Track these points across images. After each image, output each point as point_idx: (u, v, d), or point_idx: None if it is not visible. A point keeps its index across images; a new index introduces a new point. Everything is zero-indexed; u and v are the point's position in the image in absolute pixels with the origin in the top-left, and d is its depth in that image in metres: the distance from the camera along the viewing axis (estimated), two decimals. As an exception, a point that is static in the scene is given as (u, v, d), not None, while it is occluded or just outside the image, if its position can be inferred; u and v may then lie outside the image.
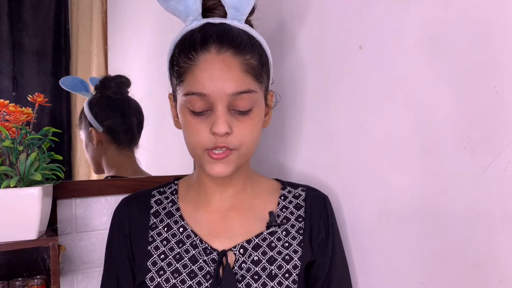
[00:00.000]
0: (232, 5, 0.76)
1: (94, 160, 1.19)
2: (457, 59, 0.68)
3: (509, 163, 0.62)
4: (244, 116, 0.74)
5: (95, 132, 1.17)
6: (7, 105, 0.85)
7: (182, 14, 0.76)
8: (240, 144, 0.75)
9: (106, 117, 1.18)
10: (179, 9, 0.76)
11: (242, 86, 0.73)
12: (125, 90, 1.23)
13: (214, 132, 0.72)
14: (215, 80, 0.72)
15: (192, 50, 0.73)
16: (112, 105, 1.20)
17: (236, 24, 0.77)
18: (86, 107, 1.16)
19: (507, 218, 0.63)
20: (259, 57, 0.76)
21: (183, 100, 0.75)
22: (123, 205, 0.87)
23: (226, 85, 0.72)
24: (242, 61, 0.73)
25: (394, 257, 0.81)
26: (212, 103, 0.72)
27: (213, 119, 0.72)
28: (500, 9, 0.62)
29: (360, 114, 0.88)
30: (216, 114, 0.72)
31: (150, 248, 0.81)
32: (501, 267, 0.64)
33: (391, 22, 0.80)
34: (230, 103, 0.73)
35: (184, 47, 0.75)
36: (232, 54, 0.73)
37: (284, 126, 1.09)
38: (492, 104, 0.64)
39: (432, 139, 0.73)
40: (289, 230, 0.82)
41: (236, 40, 0.74)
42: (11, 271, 0.96)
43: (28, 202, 0.82)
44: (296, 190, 0.87)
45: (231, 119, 0.73)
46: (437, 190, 0.73)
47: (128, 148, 1.23)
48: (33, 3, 1.16)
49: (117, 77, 1.22)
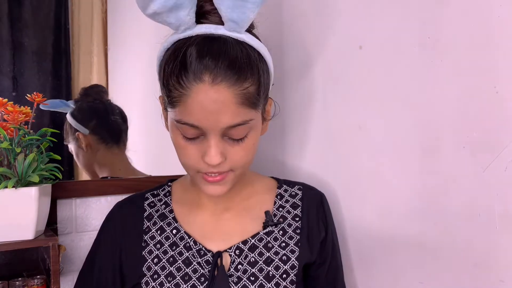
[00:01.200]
0: (231, 19, 0.68)
1: (87, 166, 1.21)
2: (457, 59, 0.68)
3: (509, 163, 0.62)
4: (238, 143, 0.71)
5: (82, 136, 1.19)
6: (6, 104, 0.85)
7: (173, 26, 0.70)
8: (235, 166, 0.72)
9: (89, 119, 1.21)
10: (170, 21, 0.69)
11: (237, 119, 0.68)
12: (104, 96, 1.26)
13: (206, 162, 0.69)
14: (208, 114, 0.66)
15: (184, 76, 0.66)
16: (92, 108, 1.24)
17: (236, 37, 0.70)
18: (70, 117, 1.19)
19: (507, 218, 0.62)
20: (257, 80, 0.70)
21: (175, 123, 0.70)
22: (116, 211, 0.86)
23: (220, 119, 0.67)
24: (238, 92, 0.67)
25: (394, 257, 0.81)
26: (205, 132, 0.68)
27: (205, 146, 0.69)
28: (500, 9, 0.62)
29: (360, 114, 0.87)
30: (208, 144, 0.69)
31: (144, 253, 0.80)
32: (501, 267, 0.64)
33: (391, 22, 0.80)
34: (224, 132, 0.69)
35: (175, 68, 0.68)
36: (228, 85, 0.66)
37: (284, 126, 1.09)
38: (492, 104, 0.64)
39: (432, 139, 0.73)
40: (286, 229, 0.82)
41: (233, 66, 0.66)
42: (11, 271, 0.96)
43: (24, 202, 0.82)
44: (293, 189, 0.87)
45: (224, 146, 0.70)
46: (437, 190, 0.73)
47: (117, 146, 1.25)
48: (33, 3, 1.16)
49: (95, 86, 1.26)
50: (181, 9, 0.67)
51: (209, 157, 0.68)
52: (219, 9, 0.68)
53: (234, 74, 0.66)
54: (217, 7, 0.68)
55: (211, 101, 0.66)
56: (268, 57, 0.75)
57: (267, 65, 0.74)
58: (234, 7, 0.67)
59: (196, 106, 0.66)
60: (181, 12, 0.67)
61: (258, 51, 0.72)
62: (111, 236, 0.83)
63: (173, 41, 0.71)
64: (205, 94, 0.65)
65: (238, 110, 0.67)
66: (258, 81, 0.70)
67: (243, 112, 0.68)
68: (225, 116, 0.67)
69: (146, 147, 1.31)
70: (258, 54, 0.72)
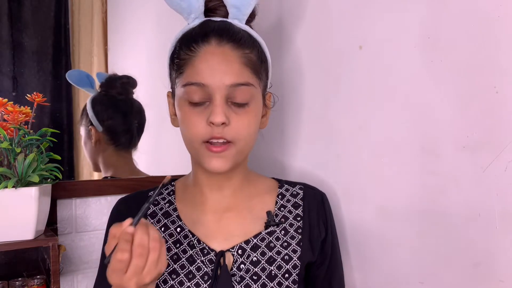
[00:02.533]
0: (234, 4, 0.78)
1: (92, 158, 1.19)
2: (457, 59, 0.68)
3: (509, 163, 0.62)
4: (241, 109, 0.75)
5: (94, 131, 1.17)
6: (6, 104, 0.85)
7: (185, 11, 0.78)
8: (237, 136, 0.75)
9: (107, 117, 1.18)
10: (182, 6, 0.77)
11: (240, 78, 0.74)
12: (130, 91, 1.23)
13: (211, 122, 0.73)
14: (214, 71, 0.73)
15: (193, 42, 0.75)
16: (114, 105, 1.20)
17: (237, 23, 0.78)
18: (89, 105, 1.16)
19: (507, 218, 0.62)
20: (258, 53, 0.78)
21: (182, 92, 0.76)
22: (122, 204, 0.87)
23: (225, 77, 0.73)
24: (241, 54, 0.75)
25: (394, 257, 0.81)
26: (210, 94, 0.73)
27: (210, 109, 0.73)
28: (500, 9, 0.62)
29: (360, 114, 0.87)
30: (214, 104, 0.73)
31: None
32: (501, 267, 0.64)
33: (391, 22, 0.80)
34: (228, 94, 0.73)
35: (185, 41, 0.77)
36: (232, 48, 0.75)
37: (284, 126, 1.09)
38: (492, 104, 0.64)
39: (432, 139, 0.73)
40: (288, 229, 0.82)
41: (236, 35, 0.76)
42: (11, 271, 0.96)
43: (24, 202, 0.82)
44: (294, 189, 0.87)
45: (228, 111, 0.74)
46: (437, 190, 0.73)
47: (126, 150, 1.23)
48: (33, 3, 1.16)
49: (124, 77, 1.22)
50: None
51: (214, 115, 0.72)
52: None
53: (237, 40, 0.75)
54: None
55: (217, 61, 0.74)
56: (266, 49, 0.82)
57: (265, 54, 0.81)
58: None
59: (203, 65, 0.74)
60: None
61: (257, 40, 0.80)
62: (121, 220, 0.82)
63: (184, 30, 0.80)
64: (211, 54, 0.74)
65: (242, 71, 0.75)
66: (258, 55, 0.78)
67: (246, 74, 0.75)
68: (230, 74, 0.73)
69: (147, 147, 1.31)
70: (257, 40, 0.80)
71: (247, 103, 0.75)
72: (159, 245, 0.65)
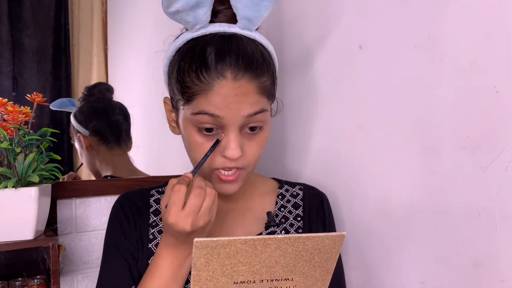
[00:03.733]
0: (246, 17, 0.71)
1: (90, 166, 1.21)
2: (457, 59, 0.68)
3: (509, 163, 0.62)
4: (254, 134, 0.73)
5: (82, 137, 1.19)
6: (6, 104, 0.85)
7: (190, 24, 0.71)
8: (249, 163, 0.74)
9: (89, 120, 1.20)
10: (187, 19, 0.70)
11: (257, 107, 0.70)
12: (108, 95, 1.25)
13: (225, 156, 0.70)
14: (230, 104, 0.68)
15: (204, 72, 0.68)
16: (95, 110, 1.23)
17: (248, 35, 0.73)
18: (72, 118, 1.20)
19: (507, 218, 0.62)
20: (272, 76, 0.74)
21: (191, 117, 0.71)
22: (125, 198, 0.85)
23: (242, 109, 0.69)
24: (258, 84, 0.70)
25: (394, 257, 0.81)
26: (224, 124, 0.70)
27: (224, 141, 0.70)
28: (500, 9, 0.62)
29: (360, 114, 0.87)
30: (228, 137, 0.70)
31: (151, 246, 0.80)
32: (501, 267, 0.64)
33: (391, 22, 0.80)
34: (242, 124, 0.71)
35: (194, 65, 0.69)
36: (248, 80, 0.69)
37: (284, 126, 1.09)
38: (492, 104, 0.64)
39: (432, 139, 0.73)
40: (288, 229, 0.82)
41: (252, 64, 0.70)
42: (11, 271, 0.96)
43: (24, 202, 0.82)
44: (294, 189, 0.87)
45: (241, 139, 0.72)
46: (437, 190, 0.73)
47: (118, 146, 1.24)
48: (33, 3, 1.16)
49: (98, 84, 1.25)
50: (201, 7, 0.69)
51: (230, 151, 0.70)
52: (235, 7, 0.71)
53: (253, 70, 0.70)
54: (234, 5, 0.71)
55: (233, 95, 0.68)
56: (275, 56, 0.78)
57: (275, 63, 0.78)
58: (251, 5, 0.70)
59: (218, 99, 0.68)
60: (200, 11, 0.69)
61: (267, 49, 0.75)
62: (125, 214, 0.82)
63: (185, 40, 0.73)
64: (227, 88, 0.68)
65: (258, 100, 0.70)
66: (272, 76, 0.74)
67: (261, 101, 0.71)
68: (246, 106, 0.69)
69: (146, 146, 1.31)
70: (268, 52, 0.75)
71: (260, 126, 0.73)
72: (215, 193, 0.67)
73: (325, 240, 0.59)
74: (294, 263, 0.59)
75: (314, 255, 0.59)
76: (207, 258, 0.55)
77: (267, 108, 0.73)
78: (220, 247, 0.55)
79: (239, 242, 0.55)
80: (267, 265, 0.58)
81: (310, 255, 0.59)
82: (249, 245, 0.55)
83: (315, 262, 0.60)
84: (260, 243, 0.56)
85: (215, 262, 0.56)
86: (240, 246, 0.55)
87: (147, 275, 0.71)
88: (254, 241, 0.55)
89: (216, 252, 0.55)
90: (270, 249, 0.57)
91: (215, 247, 0.55)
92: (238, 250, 0.56)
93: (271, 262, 0.58)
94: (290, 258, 0.58)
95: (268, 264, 0.58)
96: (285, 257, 0.58)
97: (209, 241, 0.54)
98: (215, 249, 0.55)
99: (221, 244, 0.55)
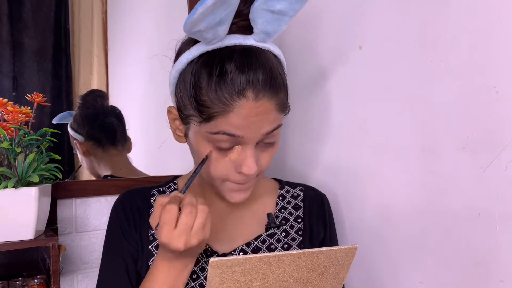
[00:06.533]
0: (265, 31, 0.69)
1: (91, 171, 1.22)
2: (457, 59, 0.68)
3: (509, 163, 0.62)
4: (268, 147, 0.73)
5: (79, 144, 1.20)
6: (6, 104, 0.85)
7: (207, 40, 0.68)
8: (261, 172, 0.74)
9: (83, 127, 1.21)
10: (206, 36, 0.67)
11: (274, 124, 0.70)
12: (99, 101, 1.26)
13: (242, 172, 0.70)
14: (251, 124, 0.67)
15: (225, 92, 0.66)
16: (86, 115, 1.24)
17: (263, 46, 0.71)
18: (69, 128, 1.21)
19: (507, 218, 0.62)
20: (286, 88, 0.73)
21: (206, 135, 0.69)
22: (127, 197, 0.85)
23: (262, 127, 0.68)
24: (277, 102, 0.69)
25: (394, 257, 0.81)
26: (242, 142, 0.69)
27: (241, 156, 0.70)
28: (500, 9, 0.62)
29: (360, 114, 0.87)
30: (245, 154, 0.69)
31: (151, 247, 0.80)
32: (501, 267, 0.64)
33: (391, 22, 0.80)
34: (260, 140, 0.70)
35: (212, 82, 0.67)
36: (269, 98, 0.67)
37: (284, 126, 1.09)
38: (492, 104, 0.64)
39: (432, 139, 0.73)
40: (288, 231, 0.82)
41: (272, 81, 0.68)
42: (11, 271, 0.96)
43: (24, 202, 0.82)
44: (294, 190, 0.87)
45: (257, 153, 0.71)
46: (437, 190, 0.73)
47: (114, 147, 1.25)
48: (33, 3, 1.16)
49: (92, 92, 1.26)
50: (222, 25, 0.67)
51: (247, 168, 0.69)
52: (254, 21, 0.68)
53: (272, 87, 0.68)
54: (253, 19, 0.68)
55: (255, 114, 0.67)
56: (285, 63, 0.76)
57: (285, 71, 0.76)
58: (272, 20, 0.68)
59: (239, 119, 0.66)
60: (221, 27, 0.66)
61: (279, 58, 0.74)
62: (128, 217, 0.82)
63: (199, 53, 0.69)
64: (249, 109, 0.66)
65: (276, 117, 0.70)
66: (286, 89, 0.73)
67: (278, 117, 0.71)
68: (266, 123, 0.69)
69: (146, 147, 1.31)
70: (280, 62, 0.74)
71: (275, 141, 0.73)
72: (207, 210, 0.66)
73: (338, 253, 0.59)
74: (307, 276, 0.59)
75: (327, 267, 0.60)
76: (222, 276, 0.55)
77: (282, 121, 0.73)
78: (235, 265, 0.55)
79: (254, 260, 0.55)
80: (280, 279, 0.58)
81: (323, 268, 0.60)
82: (264, 262, 0.55)
83: (327, 275, 0.61)
84: (275, 260, 0.56)
85: (230, 280, 0.56)
86: (254, 264, 0.55)
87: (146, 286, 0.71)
88: (269, 258, 0.55)
89: (231, 270, 0.55)
90: (284, 265, 0.57)
91: (230, 265, 0.55)
92: (252, 267, 0.56)
93: (285, 277, 0.58)
94: (303, 272, 0.59)
95: (281, 279, 0.58)
96: (299, 271, 0.58)
97: (225, 261, 0.54)
98: (230, 267, 0.55)
99: (236, 262, 0.55)
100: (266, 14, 0.67)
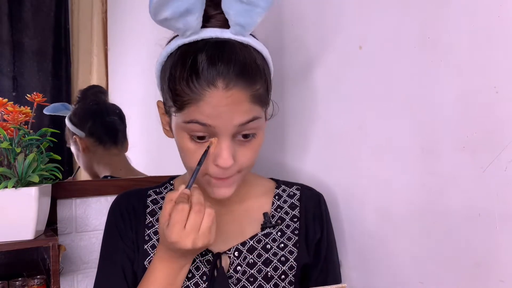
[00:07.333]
0: (239, 23, 0.69)
1: (87, 168, 1.22)
2: (457, 59, 0.68)
3: (509, 163, 0.62)
4: (248, 142, 0.72)
5: (79, 139, 1.19)
6: (6, 104, 0.85)
7: (180, 31, 0.69)
8: (243, 167, 0.73)
9: (85, 122, 1.21)
10: (178, 26, 0.68)
11: (249, 116, 0.69)
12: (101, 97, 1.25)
13: (217, 165, 0.70)
14: (222, 114, 0.67)
15: (195, 81, 0.67)
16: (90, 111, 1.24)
17: (241, 40, 0.71)
18: (67, 121, 1.20)
19: (507, 218, 0.62)
20: (265, 82, 0.72)
21: (182, 125, 0.70)
22: (124, 198, 0.85)
23: (234, 118, 0.68)
24: (251, 93, 0.68)
25: (394, 257, 0.81)
26: (215, 132, 0.69)
27: (216, 149, 0.69)
28: (500, 9, 0.62)
29: (360, 114, 0.87)
30: (220, 146, 0.69)
31: (147, 247, 0.80)
32: (501, 267, 0.64)
33: (391, 22, 0.80)
34: (235, 132, 0.70)
35: (185, 73, 0.68)
36: (241, 88, 0.67)
37: (284, 127, 1.09)
38: (492, 104, 0.64)
39: (432, 139, 0.73)
40: (284, 230, 0.82)
41: (244, 72, 0.68)
42: (11, 271, 0.96)
43: (24, 202, 0.82)
44: (291, 189, 0.87)
45: (234, 146, 0.71)
46: (437, 190, 0.72)
47: (115, 147, 1.25)
48: (33, 3, 1.16)
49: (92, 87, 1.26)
50: (191, 14, 0.68)
51: (222, 160, 0.69)
52: (227, 13, 0.69)
53: (245, 78, 0.68)
54: (225, 11, 0.69)
55: (224, 104, 0.67)
56: (269, 59, 0.76)
57: (269, 67, 0.76)
58: (243, 11, 0.68)
59: (209, 107, 0.67)
60: (190, 17, 0.68)
61: (261, 53, 0.74)
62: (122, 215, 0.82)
63: (177, 45, 0.71)
64: (219, 98, 0.67)
65: (251, 108, 0.69)
66: (265, 83, 0.72)
67: (254, 109, 0.70)
68: (239, 115, 0.68)
69: (145, 146, 1.31)
70: (262, 57, 0.74)
71: (254, 133, 0.72)
72: (213, 214, 0.67)
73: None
74: None
75: None
76: None
77: (261, 115, 0.72)
78: None
79: None
80: None
81: None
82: None
83: None
84: None
85: None
86: None
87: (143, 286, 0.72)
88: None
89: None
90: None
91: None
92: None
93: None
94: None
95: None
96: None
97: None
98: None
99: None
100: (236, 4, 0.68)
